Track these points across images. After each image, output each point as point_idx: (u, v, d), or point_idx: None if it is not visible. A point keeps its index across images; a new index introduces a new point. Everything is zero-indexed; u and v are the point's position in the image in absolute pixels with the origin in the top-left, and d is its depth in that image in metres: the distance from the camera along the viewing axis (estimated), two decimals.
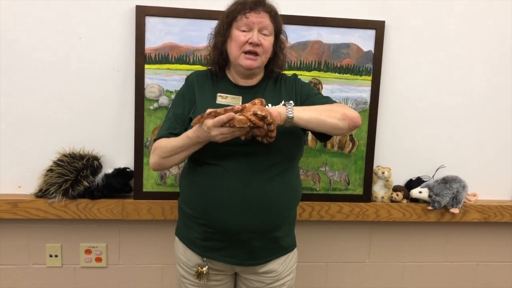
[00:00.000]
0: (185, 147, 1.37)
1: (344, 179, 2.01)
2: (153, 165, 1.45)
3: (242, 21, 1.41)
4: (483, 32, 2.00)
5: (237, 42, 1.41)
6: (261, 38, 1.41)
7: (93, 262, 2.00)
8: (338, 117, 1.36)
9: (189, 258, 1.50)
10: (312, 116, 1.34)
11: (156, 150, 1.43)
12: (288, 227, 1.52)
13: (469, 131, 2.07)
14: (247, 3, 1.42)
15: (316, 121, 1.34)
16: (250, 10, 1.41)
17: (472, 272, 2.23)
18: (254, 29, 1.41)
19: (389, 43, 1.95)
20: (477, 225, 2.16)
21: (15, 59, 1.80)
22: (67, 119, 1.87)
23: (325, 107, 1.40)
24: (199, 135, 1.31)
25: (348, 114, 1.37)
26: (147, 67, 1.84)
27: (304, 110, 1.35)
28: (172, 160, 1.41)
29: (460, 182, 2.02)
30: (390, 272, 2.19)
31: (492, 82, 2.04)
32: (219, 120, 1.23)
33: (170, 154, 1.39)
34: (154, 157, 1.44)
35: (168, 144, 1.40)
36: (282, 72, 1.59)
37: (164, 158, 1.41)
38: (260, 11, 1.42)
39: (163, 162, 1.43)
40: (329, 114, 1.36)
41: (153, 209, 1.90)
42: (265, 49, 1.43)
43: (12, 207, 1.83)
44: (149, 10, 1.80)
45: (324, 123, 1.35)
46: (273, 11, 1.45)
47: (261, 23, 1.41)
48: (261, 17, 1.41)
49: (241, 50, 1.42)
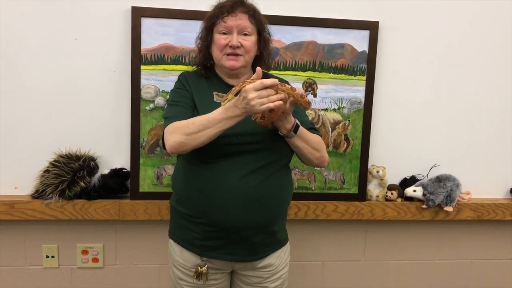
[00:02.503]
0: (217, 121, 1.28)
1: (339, 178, 2.02)
2: (174, 144, 1.33)
3: (221, 25, 1.43)
4: (477, 31, 2.02)
5: (218, 45, 1.44)
6: (241, 39, 1.43)
7: (90, 263, 2.00)
8: (317, 156, 1.48)
9: (186, 259, 1.50)
10: (308, 139, 1.43)
11: (178, 130, 1.33)
12: (282, 221, 1.56)
13: (463, 130, 2.10)
14: (225, 7, 1.43)
15: (305, 147, 1.44)
16: (228, 13, 1.42)
17: (466, 270, 2.25)
18: (233, 32, 1.43)
19: (383, 44, 1.97)
20: (471, 223, 2.18)
21: (10, 60, 1.80)
22: (64, 120, 1.87)
23: (316, 140, 1.47)
24: (236, 104, 1.25)
25: (325, 159, 1.52)
26: (143, 68, 1.84)
27: (299, 137, 1.41)
28: (198, 137, 1.30)
29: (454, 181, 2.04)
30: (385, 270, 2.21)
31: (484, 81, 2.06)
32: (262, 82, 1.21)
33: (198, 129, 1.29)
34: (175, 136, 1.33)
35: (196, 120, 1.32)
36: (270, 73, 1.61)
37: (189, 135, 1.30)
38: (237, 13, 1.43)
39: (187, 140, 1.31)
40: (312, 150, 1.46)
41: (150, 209, 1.90)
42: (247, 49, 1.45)
43: (9, 208, 1.83)
44: (145, 11, 1.81)
45: (301, 153, 1.46)
46: (252, 10, 1.46)
47: (239, 25, 1.43)
48: (239, 19, 1.43)
49: (222, 53, 1.45)
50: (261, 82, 1.21)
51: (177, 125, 1.36)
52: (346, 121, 1.99)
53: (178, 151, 1.36)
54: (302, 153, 1.46)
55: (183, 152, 1.36)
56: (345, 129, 2.00)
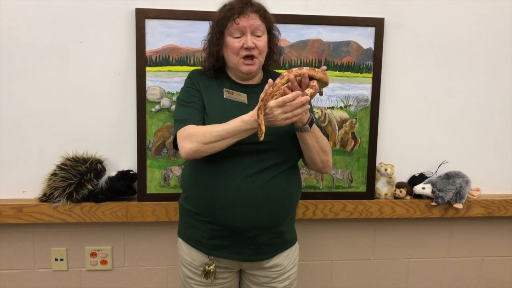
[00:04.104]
0: (236, 132, 1.31)
1: (347, 177, 2.01)
2: (190, 151, 1.35)
3: (233, 27, 1.41)
4: (484, 28, 2.00)
5: (233, 49, 1.43)
6: (254, 40, 1.42)
7: (98, 265, 2.00)
8: (323, 159, 1.47)
9: (194, 258, 1.51)
10: (319, 138, 1.42)
11: (193, 136, 1.35)
12: (290, 221, 1.55)
13: (471, 126, 2.07)
14: (235, 8, 1.42)
15: (315, 146, 1.42)
16: (239, 14, 1.41)
17: (477, 267, 2.23)
18: (247, 33, 1.41)
19: (389, 40, 1.95)
20: (481, 220, 2.16)
21: (16, 63, 1.81)
22: (70, 123, 1.87)
23: (326, 142, 1.47)
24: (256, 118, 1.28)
25: (329, 164, 1.50)
26: (148, 69, 1.84)
27: (312, 134, 1.40)
28: (215, 146, 1.33)
29: (463, 177, 2.02)
30: (395, 268, 2.19)
31: (493, 76, 2.04)
32: (284, 100, 1.24)
33: (215, 139, 1.32)
34: (191, 143, 1.35)
35: (213, 129, 1.33)
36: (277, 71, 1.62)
37: (206, 144, 1.33)
38: (248, 14, 1.41)
39: (203, 149, 1.34)
40: (320, 151, 1.44)
41: (157, 210, 1.90)
42: (261, 49, 1.45)
43: (17, 212, 1.83)
44: (149, 13, 1.81)
45: (309, 152, 1.44)
46: (261, 9, 1.46)
47: (252, 26, 1.42)
48: (251, 19, 1.42)
49: (238, 56, 1.43)
50: (283, 100, 1.25)
51: (191, 130, 1.37)
52: (353, 119, 1.97)
53: (193, 157, 1.38)
54: (310, 152, 1.44)
55: (198, 157, 1.39)
56: (352, 127, 1.98)
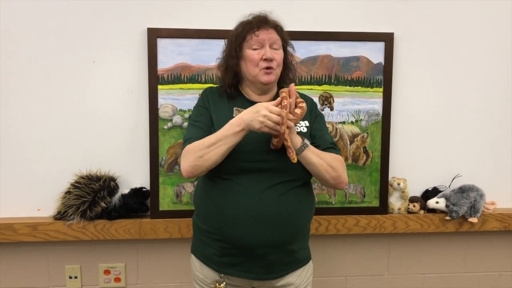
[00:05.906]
0: (224, 136, 1.33)
1: (359, 192, 2.00)
2: (188, 168, 1.37)
3: (252, 40, 1.44)
4: (493, 39, 2.00)
5: (253, 61, 1.44)
6: (273, 52, 1.45)
7: (112, 283, 2.01)
8: (333, 175, 1.43)
9: (206, 275, 1.50)
10: (314, 161, 1.40)
11: (189, 153, 1.37)
12: (302, 240, 1.53)
13: (484, 139, 2.05)
14: (253, 22, 1.45)
15: (314, 167, 1.41)
16: (258, 28, 1.44)
17: (494, 283, 2.19)
18: (266, 45, 1.44)
19: (399, 54, 1.96)
20: (497, 234, 2.12)
21: (30, 83, 1.85)
22: (83, 141, 1.90)
23: (329, 158, 1.44)
24: (244, 117, 1.33)
25: (343, 178, 1.46)
26: (160, 87, 1.87)
27: (313, 153, 1.40)
28: (209, 157, 1.34)
29: (477, 191, 2.00)
30: (410, 284, 2.15)
31: (505, 89, 2.03)
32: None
33: (209, 149, 1.34)
34: (187, 160, 1.37)
35: (205, 140, 1.36)
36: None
37: (201, 157, 1.34)
38: (267, 27, 1.45)
39: (200, 162, 1.35)
40: (326, 168, 1.42)
41: (170, 227, 1.91)
42: (278, 62, 1.47)
43: (32, 230, 1.85)
44: (161, 32, 1.84)
45: (317, 171, 1.42)
46: (279, 25, 1.49)
47: (271, 39, 1.45)
48: (270, 33, 1.45)
49: (258, 68, 1.45)
50: (278, 111, 1.30)
51: (188, 148, 1.39)
52: (365, 133, 1.97)
53: (194, 174, 1.38)
54: (316, 171, 1.42)
55: (200, 174, 1.40)
56: (364, 141, 1.98)
